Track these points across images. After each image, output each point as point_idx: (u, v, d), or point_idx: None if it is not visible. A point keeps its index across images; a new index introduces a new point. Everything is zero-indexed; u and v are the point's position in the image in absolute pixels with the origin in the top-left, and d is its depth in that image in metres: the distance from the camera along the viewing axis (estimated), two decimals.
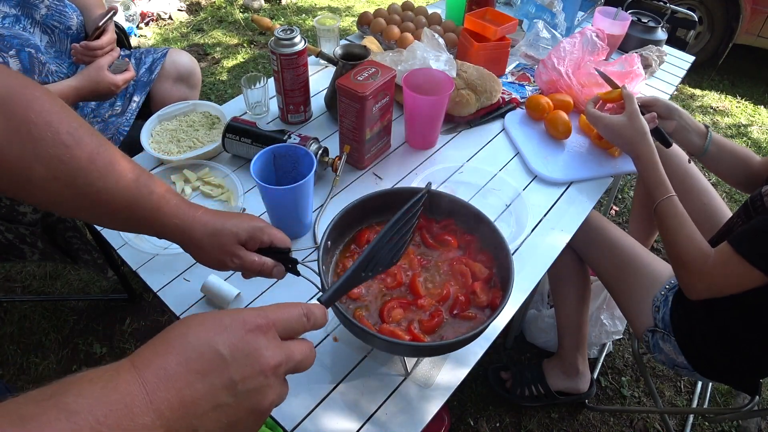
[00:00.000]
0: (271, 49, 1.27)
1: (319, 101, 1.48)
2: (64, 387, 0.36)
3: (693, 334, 1.21)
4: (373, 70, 1.15)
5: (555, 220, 1.20)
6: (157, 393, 0.38)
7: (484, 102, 1.43)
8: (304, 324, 0.50)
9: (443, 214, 0.95)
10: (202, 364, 0.41)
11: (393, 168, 1.30)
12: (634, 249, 1.39)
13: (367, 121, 1.17)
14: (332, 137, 1.38)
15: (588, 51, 1.55)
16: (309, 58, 1.36)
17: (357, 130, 1.19)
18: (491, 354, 1.89)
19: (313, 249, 1.08)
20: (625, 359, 1.94)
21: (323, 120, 1.45)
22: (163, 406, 0.38)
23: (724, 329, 1.16)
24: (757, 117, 3.42)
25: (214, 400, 0.41)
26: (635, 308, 1.34)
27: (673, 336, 1.24)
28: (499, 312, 0.77)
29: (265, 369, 0.44)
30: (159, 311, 1.95)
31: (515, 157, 1.36)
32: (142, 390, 0.38)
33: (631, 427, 1.76)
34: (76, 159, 0.62)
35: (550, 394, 1.70)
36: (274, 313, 0.48)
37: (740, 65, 3.87)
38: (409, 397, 0.87)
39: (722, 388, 1.89)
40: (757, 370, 1.22)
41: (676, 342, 1.24)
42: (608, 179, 1.33)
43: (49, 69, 1.45)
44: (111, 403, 0.36)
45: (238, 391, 0.42)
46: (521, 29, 1.86)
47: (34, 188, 0.62)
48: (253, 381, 0.44)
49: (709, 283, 1.07)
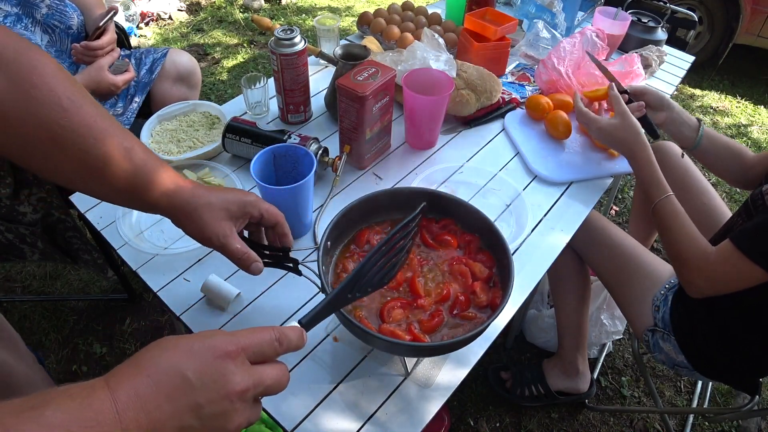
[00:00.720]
0: (271, 49, 1.27)
1: (320, 101, 1.48)
2: (46, 400, 0.39)
3: (693, 334, 1.21)
4: (373, 70, 1.15)
5: (555, 220, 1.20)
6: (127, 413, 0.41)
7: (484, 102, 1.43)
8: (275, 348, 0.52)
9: (443, 215, 0.95)
10: (170, 388, 0.43)
11: (393, 168, 1.30)
12: (635, 249, 1.39)
13: (367, 121, 1.17)
14: (332, 137, 1.38)
15: (588, 51, 1.55)
16: (309, 58, 1.36)
17: (357, 130, 1.19)
18: (491, 354, 1.89)
19: (313, 249, 1.08)
20: (625, 359, 1.94)
21: (323, 120, 1.44)
22: (132, 425, 0.41)
23: (725, 328, 1.17)
24: (757, 117, 3.43)
25: (179, 422, 0.44)
26: (635, 308, 1.34)
27: (673, 335, 1.24)
28: (499, 312, 0.77)
29: (231, 394, 0.46)
30: (159, 311, 1.95)
31: (515, 157, 1.36)
32: (112, 409, 0.40)
33: (631, 427, 1.76)
34: (74, 124, 0.64)
35: (550, 394, 1.70)
36: (245, 338, 0.50)
37: (740, 65, 3.87)
38: (409, 397, 0.87)
39: (722, 388, 1.89)
40: (757, 370, 1.22)
41: (676, 341, 1.24)
42: (608, 179, 1.33)
43: None
44: (85, 420, 0.39)
45: (203, 414, 0.45)
46: (521, 29, 1.86)
47: (35, 151, 0.64)
48: (218, 405, 0.46)
49: (710, 280, 1.07)
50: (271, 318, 0.97)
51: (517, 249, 1.12)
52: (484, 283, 0.86)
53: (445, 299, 0.85)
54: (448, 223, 0.94)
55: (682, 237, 1.11)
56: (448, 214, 0.94)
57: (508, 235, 1.15)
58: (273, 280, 1.01)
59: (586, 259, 1.48)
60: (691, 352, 1.23)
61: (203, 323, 0.95)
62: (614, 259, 1.39)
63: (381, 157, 1.33)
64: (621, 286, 1.38)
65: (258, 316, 0.97)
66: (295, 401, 0.85)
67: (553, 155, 1.36)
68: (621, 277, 1.38)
